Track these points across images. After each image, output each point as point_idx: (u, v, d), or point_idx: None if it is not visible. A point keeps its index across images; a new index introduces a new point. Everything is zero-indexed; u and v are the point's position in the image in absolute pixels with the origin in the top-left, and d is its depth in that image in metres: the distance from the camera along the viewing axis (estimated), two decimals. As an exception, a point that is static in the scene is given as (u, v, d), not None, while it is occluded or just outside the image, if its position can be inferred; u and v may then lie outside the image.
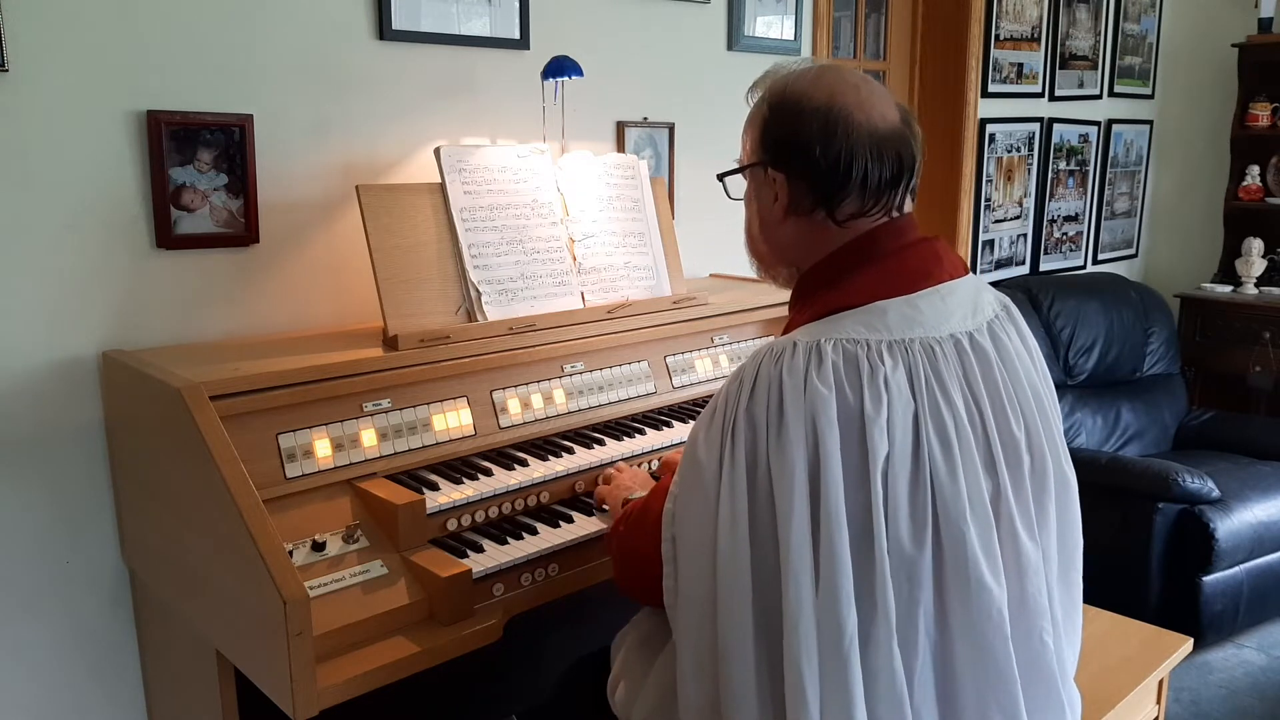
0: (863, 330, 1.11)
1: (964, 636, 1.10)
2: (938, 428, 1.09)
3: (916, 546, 1.07)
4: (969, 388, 1.14)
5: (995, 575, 1.10)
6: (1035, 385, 1.21)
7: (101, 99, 1.67)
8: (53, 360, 1.68)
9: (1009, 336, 1.21)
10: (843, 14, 3.32)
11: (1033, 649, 1.15)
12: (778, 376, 1.08)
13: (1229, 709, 2.70)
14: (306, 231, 1.94)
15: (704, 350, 2.16)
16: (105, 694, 1.83)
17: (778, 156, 1.21)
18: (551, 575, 1.58)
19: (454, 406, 1.74)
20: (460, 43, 2.09)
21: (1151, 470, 2.94)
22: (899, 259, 1.18)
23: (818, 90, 1.18)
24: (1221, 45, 4.30)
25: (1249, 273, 4.26)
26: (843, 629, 1.04)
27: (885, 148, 1.16)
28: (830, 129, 1.15)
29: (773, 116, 1.21)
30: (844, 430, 1.06)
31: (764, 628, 1.09)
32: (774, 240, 1.27)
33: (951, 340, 1.14)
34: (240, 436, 1.44)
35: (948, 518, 1.08)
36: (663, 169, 2.53)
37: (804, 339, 1.10)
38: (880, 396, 1.06)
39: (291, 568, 1.29)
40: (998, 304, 1.25)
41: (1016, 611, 1.13)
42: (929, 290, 1.16)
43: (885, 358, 1.08)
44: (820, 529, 1.05)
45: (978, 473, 1.11)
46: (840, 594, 1.04)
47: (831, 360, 1.07)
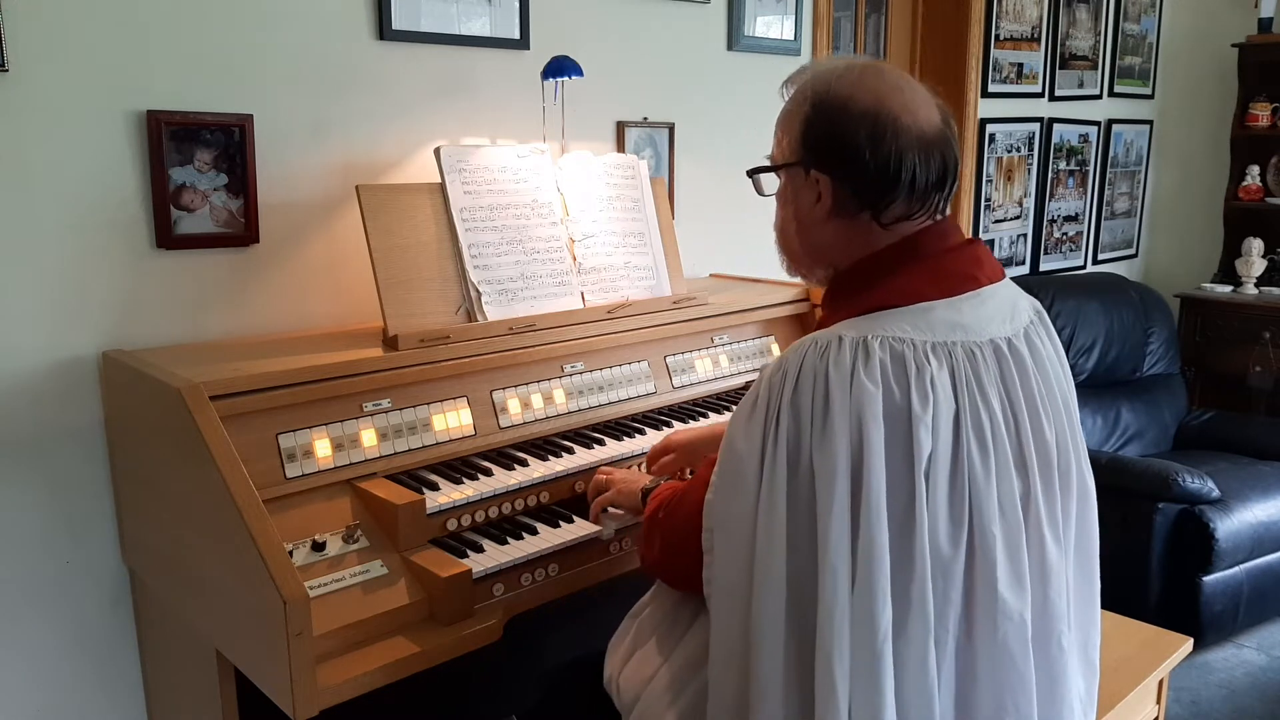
0: (909, 329, 1.10)
1: (987, 642, 1.10)
2: (976, 430, 1.10)
3: (953, 547, 1.08)
4: (1006, 392, 1.14)
5: (1019, 581, 1.11)
6: (1064, 391, 1.22)
7: (101, 99, 1.67)
8: (53, 360, 1.68)
9: (1042, 343, 1.22)
10: (843, 14, 3.32)
11: (1049, 653, 1.16)
12: (824, 370, 1.07)
13: (1229, 709, 2.70)
14: (306, 231, 1.94)
15: (704, 350, 2.16)
16: (105, 694, 1.83)
17: (822, 158, 1.18)
18: (551, 575, 1.58)
19: (454, 406, 1.74)
20: (460, 43, 2.09)
21: (1151, 470, 2.94)
22: (942, 261, 1.18)
23: (863, 92, 1.16)
24: (1221, 45, 4.30)
25: (1249, 273, 4.27)
26: (877, 625, 1.04)
27: (931, 151, 1.16)
28: (880, 132, 1.14)
29: (817, 117, 1.18)
30: (889, 427, 1.05)
31: (795, 619, 1.09)
32: (811, 241, 1.24)
33: (990, 345, 1.14)
34: (240, 436, 1.44)
35: (980, 519, 1.09)
36: (663, 169, 2.53)
37: (850, 334, 1.09)
38: (927, 395, 1.07)
39: (291, 568, 1.29)
40: (1032, 310, 1.25)
41: (1038, 616, 1.13)
42: (970, 294, 1.16)
43: (931, 358, 1.09)
44: (860, 524, 1.05)
45: (1010, 476, 1.12)
46: (877, 590, 1.04)
47: (879, 357, 1.07)
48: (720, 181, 2.67)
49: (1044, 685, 1.15)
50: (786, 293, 2.30)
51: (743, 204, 2.67)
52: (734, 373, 2.20)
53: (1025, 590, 1.11)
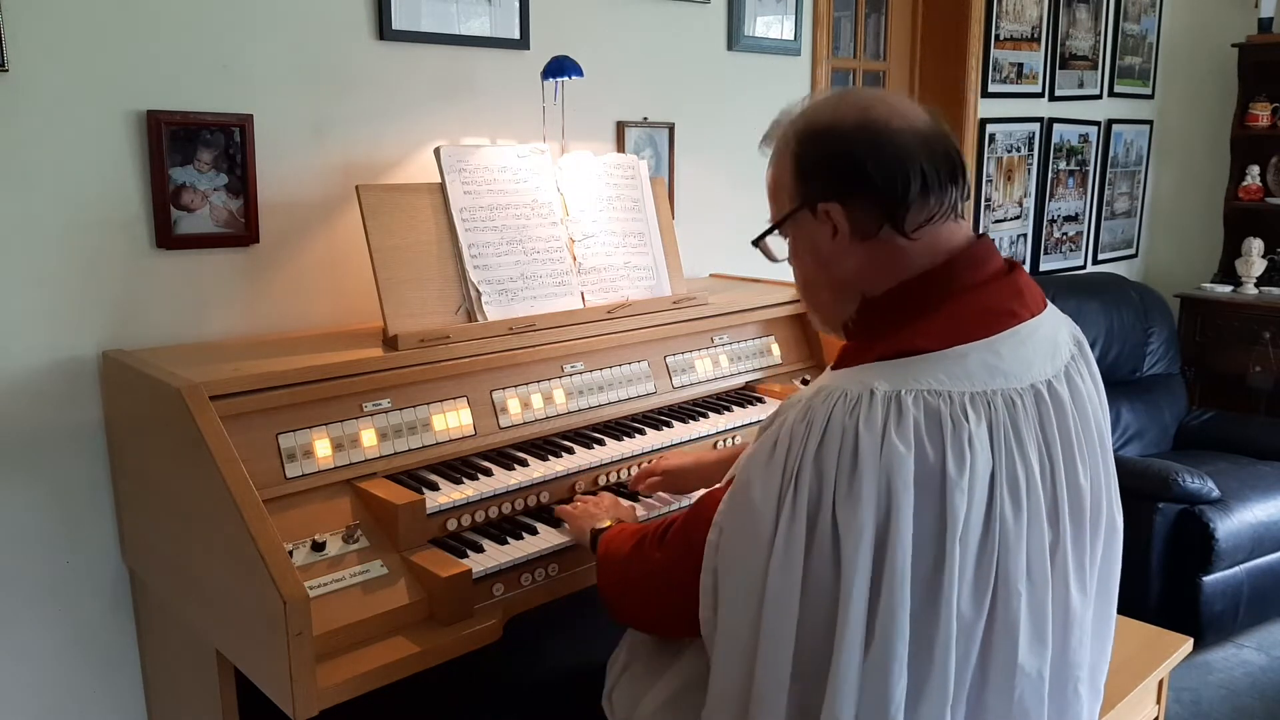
0: (944, 380, 1.03)
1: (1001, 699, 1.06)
2: (1011, 487, 1.04)
3: (976, 610, 1.03)
4: (1044, 440, 1.08)
5: (1040, 638, 1.07)
6: (1101, 427, 1.17)
7: (101, 99, 1.67)
8: (53, 360, 1.68)
9: (1082, 379, 1.15)
10: (843, 14, 3.32)
11: (1065, 701, 1.13)
12: (854, 428, 1.00)
13: (1229, 709, 2.70)
14: (306, 231, 1.94)
15: (704, 350, 2.16)
16: (105, 694, 1.83)
17: (825, 187, 1.12)
18: (551, 575, 1.58)
19: (454, 406, 1.74)
20: (460, 43, 2.09)
21: (1151, 470, 2.94)
22: (979, 296, 1.10)
23: (845, 110, 1.12)
24: (1221, 45, 4.30)
25: (1249, 273, 4.26)
26: (890, 695, 1.00)
27: (934, 145, 1.10)
28: (876, 140, 1.08)
29: (806, 149, 1.13)
30: (920, 490, 0.99)
31: (800, 678, 1.04)
32: (837, 278, 1.16)
33: (1032, 391, 1.07)
34: (240, 436, 1.44)
35: (1006, 578, 1.04)
36: (663, 169, 2.53)
37: (883, 387, 1.02)
38: (964, 456, 1.00)
39: (291, 568, 1.29)
40: (1072, 343, 1.18)
41: (1056, 666, 1.10)
42: (1009, 333, 1.08)
43: (969, 412, 1.02)
44: (881, 590, 0.99)
45: (1041, 527, 1.07)
46: (893, 659, 0.99)
47: (913, 415, 1.00)
48: (720, 181, 2.67)
49: None
50: (786, 293, 2.30)
51: (743, 204, 2.68)
52: (734, 373, 2.20)
53: (1046, 647, 1.08)
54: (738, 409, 2.08)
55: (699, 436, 1.94)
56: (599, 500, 1.64)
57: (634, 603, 1.31)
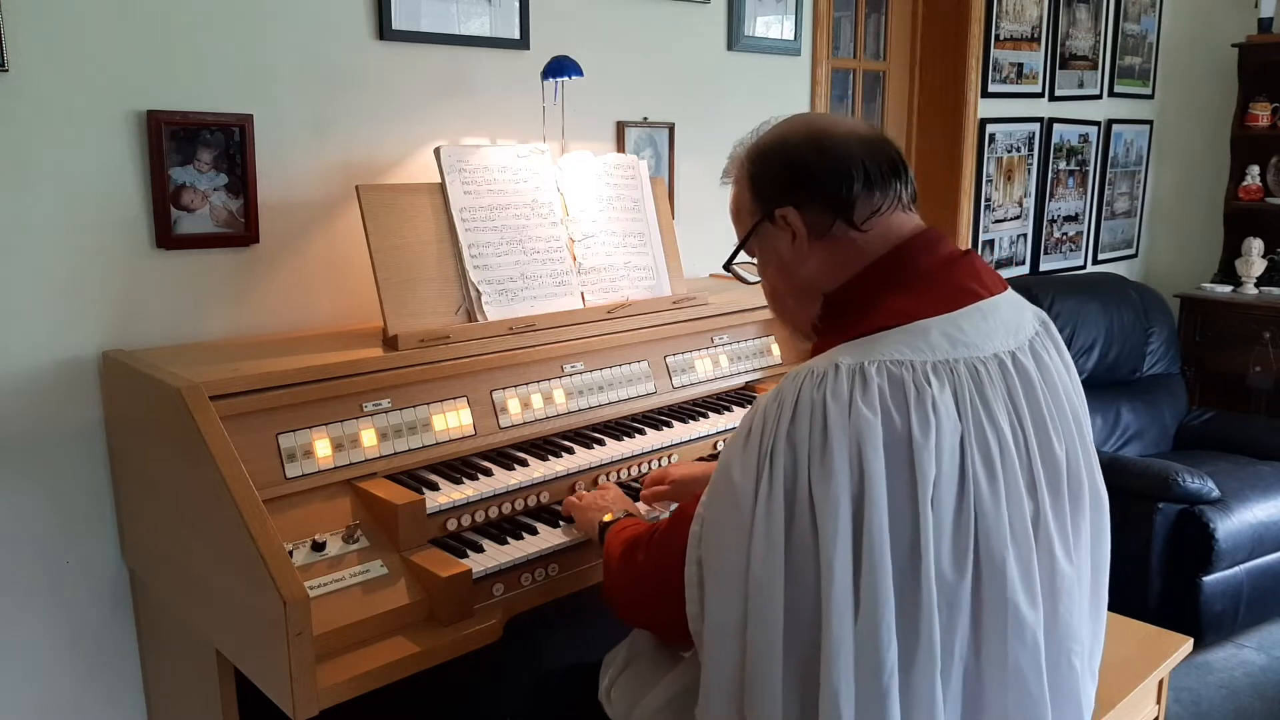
0: (906, 351, 1.07)
1: (996, 662, 1.08)
2: (983, 451, 1.07)
3: (957, 573, 1.05)
4: (1014, 408, 1.11)
5: (1032, 600, 1.08)
6: (1073, 402, 1.19)
7: (101, 99, 1.67)
8: (53, 360, 1.68)
9: (1049, 355, 1.19)
10: (843, 14, 3.32)
11: (1060, 672, 1.14)
12: (821, 401, 1.04)
13: (1229, 709, 2.70)
14: (306, 231, 1.94)
15: (704, 350, 2.16)
16: (105, 694, 1.83)
17: (779, 194, 1.20)
18: (551, 575, 1.58)
19: (454, 406, 1.74)
20: (460, 43, 2.09)
21: (1151, 470, 2.94)
22: (936, 276, 1.15)
23: (791, 126, 1.22)
24: (1221, 45, 4.30)
25: (1249, 273, 4.26)
26: (883, 661, 1.02)
27: (873, 145, 1.19)
28: (821, 144, 1.18)
29: (758, 167, 1.23)
30: (890, 456, 1.03)
31: (794, 655, 1.06)
32: (801, 282, 1.22)
33: (995, 360, 1.11)
34: (240, 436, 1.44)
35: (988, 543, 1.06)
36: (663, 169, 2.53)
37: (846, 360, 1.06)
38: (929, 420, 1.04)
39: (291, 568, 1.29)
40: (1037, 321, 1.22)
41: (1049, 634, 1.11)
42: (970, 308, 1.13)
43: (932, 379, 1.05)
44: (863, 558, 1.02)
45: (1020, 495, 1.09)
46: (881, 625, 1.01)
47: (877, 384, 1.04)
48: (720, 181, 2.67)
49: (1059, 705, 1.13)
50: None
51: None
52: (734, 373, 2.20)
53: (1039, 611, 1.09)
54: (738, 409, 2.08)
55: (699, 436, 1.94)
56: (604, 491, 1.64)
57: (628, 605, 1.33)
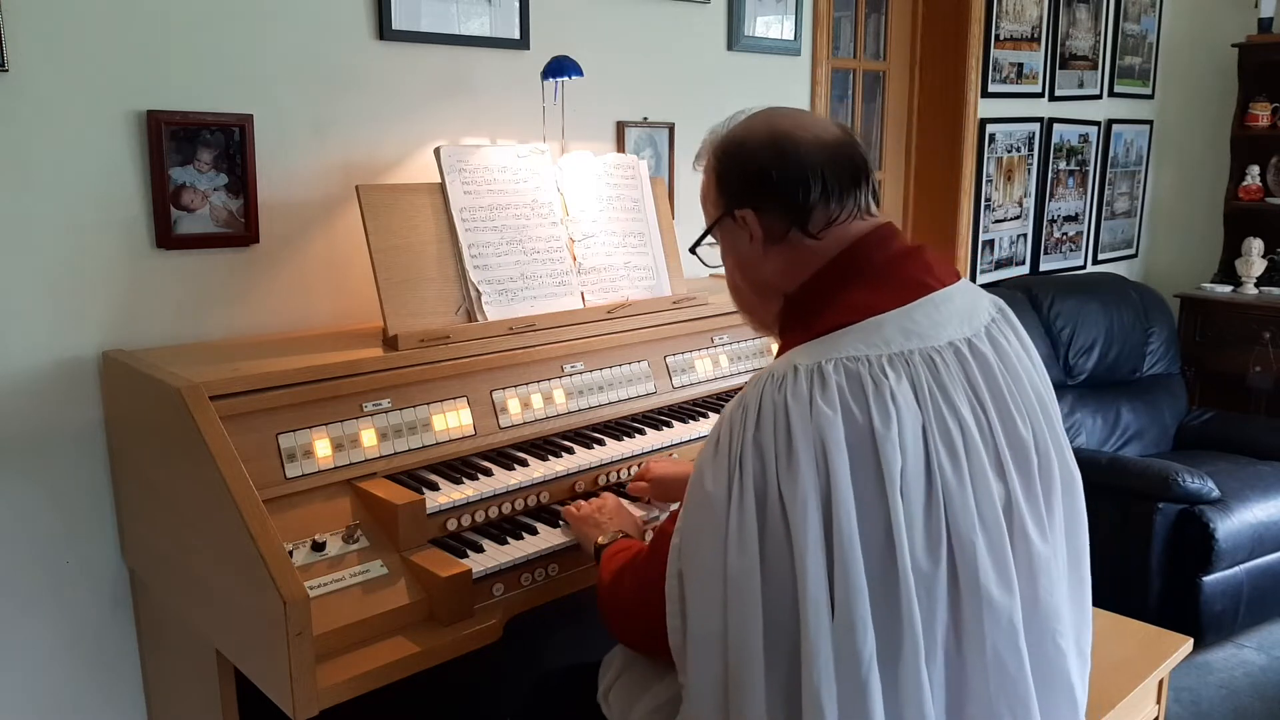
0: (862, 347, 1.10)
1: (975, 648, 1.09)
2: (945, 438, 1.09)
3: (932, 561, 1.06)
4: (974, 394, 1.13)
5: (1006, 584, 1.09)
6: (1036, 386, 1.21)
7: (101, 99, 1.67)
8: (53, 360, 1.68)
9: (1007, 340, 1.21)
10: (843, 14, 3.32)
11: (1046, 653, 1.14)
12: (783, 403, 1.07)
13: (1229, 709, 2.70)
14: (306, 231, 1.94)
15: (704, 350, 2.16)
16: (105, 694, 1.83)
17: (740, 195, 1.23)
18: (551, 575, 1.58)
19: (454, 406, 1.73)
20: (460, 43, 2.09)
21: (1151, 470, 2.94)
22: (888, 271, 1.18)
23: (756, 125, 1.23)
24: (1221, 45, 4.30)
25: (1249, 273, 4.26)
26: (860, 655, 1.03)
27: (836, 153, 1.19)
28: (780, 151, 1.18)
29: (722, 165, 1.25)
30: (854, 450, 1.05)
31: (775, 657, 1.07)
32: (759, 279, 1.26)
33: (951, 348, 1.13)
34: (240, 436, 1.44)
35: (958, 530, 1.07)
36: (663, 169, 2.53)
37: (804, 361, 1.09)
38: (889, 411, 1.06)
39: (291, 568, 1.29)
40: (993, 308, 1.24)
41: (1030, 616, 1.12)
42: (923, 300, 1.15)
43: (888, 371, 1.08)
44: (835, 554, 1.04)
45: (988, 479, 1.10)
46: (856, 620, 1.03)
47: (835, 381, 1.06)
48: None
49: (1042, 686, 1.14)
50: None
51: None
52: (734, 373, 2.20)
53: (1014, 595, 1.10)
54: (738, 409, 2.08)
55: (699, 436, 1.94)
56: (603, 504, 1.64)
57: (620, 629, 1.35)
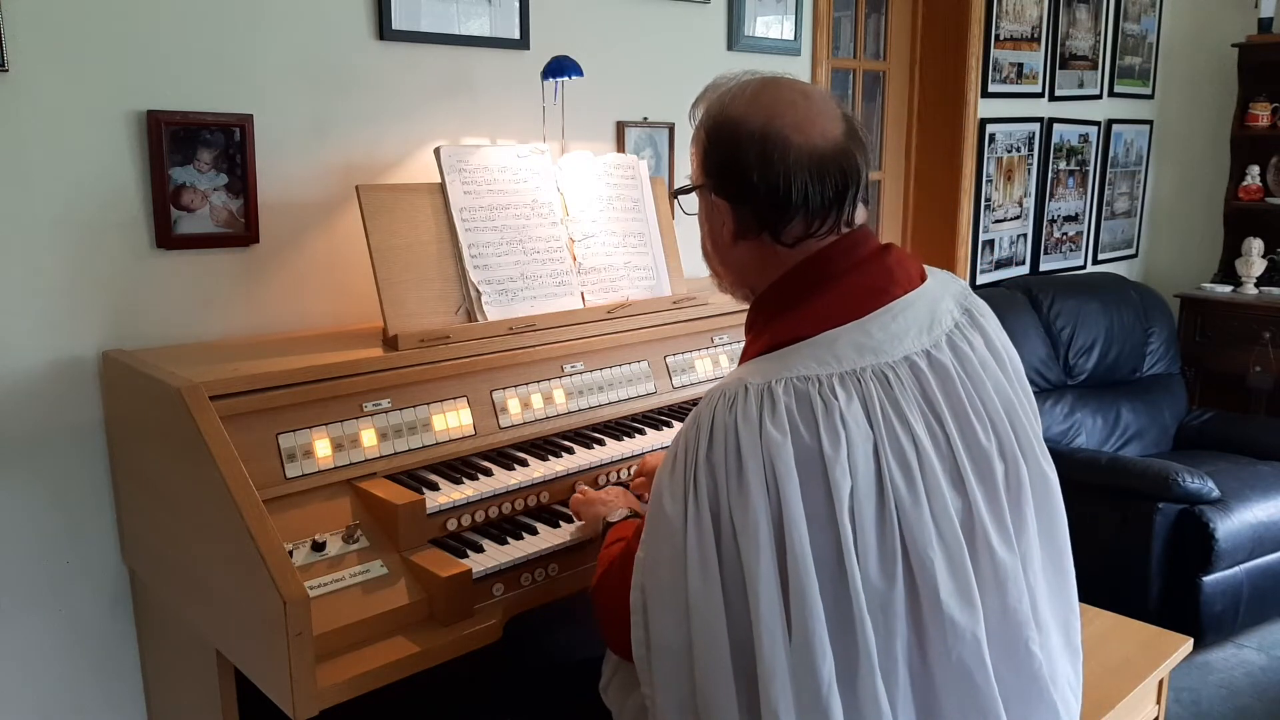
0: (814, 365, 1.08)
1: (942, 661, 1.08)
2: (898, 457, 1.07)
3: (887, 580, 1.05)
4: (929, 408, 1.11)
5: (967, 599, 1.08)
6: (1003, 390, 1.18)
7: (101, 99, 1.67)
8: (53, 360, 1.68)
9: (971, 346, 1.17)
10: (843, 14, 3.32)
11: (1018, 659, 1.13)
12: (733, 424, 1.06)
13: (1229, 709, 2.70)
14: (306, 231, 1.94)
15: (704, 350, 2.16)
16: (105, 694, 1.83)
17: (719, 183, 1.19)
18: (551, 575, 1.58)
19: (454, 406, 1.73)
20: (460, 43, 2.09)
21: (1151, 470, 2.94)
22: (850, 280, 1.15)
23: (755, 111, 1.15)
24: (1221, 45, 4.30)
25: (1249, 273, 4.26)
26: (820, 677, 1.02)
27: (826, 166, 1.13)
28: (767, 154, 1.13)
29: (711, 142, 1.20)
30: (803, 473, 1.04)
31: (743, 673, 1.07)
32: (729, 262, 1.25)
33: (907, 363, 1.11)
34: (240, 436, 1.44)
35: (915, 547, 1.06)
36: (663, 169, 2.53)
37: (755, 380, 1.08)
38: (838, 433, 1.04)
39: (291, 568, 1.29)
40: (958, 310, 1.20)
41: (998, 625, 1.11)
42: (880, 311, 1.13)
43: (839, 391, 1.06)
44: (789, 576, 1.03)
45: (943, 494, 1.09)
46: (814, 641, 1.02)
47: (784, 403, 1.05)
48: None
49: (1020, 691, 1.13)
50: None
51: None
52: (734, 373, 2.19)
53: (975, 607, 1.08)
54: (738, 409, 2.08)
55: (699, 436, 1.94)
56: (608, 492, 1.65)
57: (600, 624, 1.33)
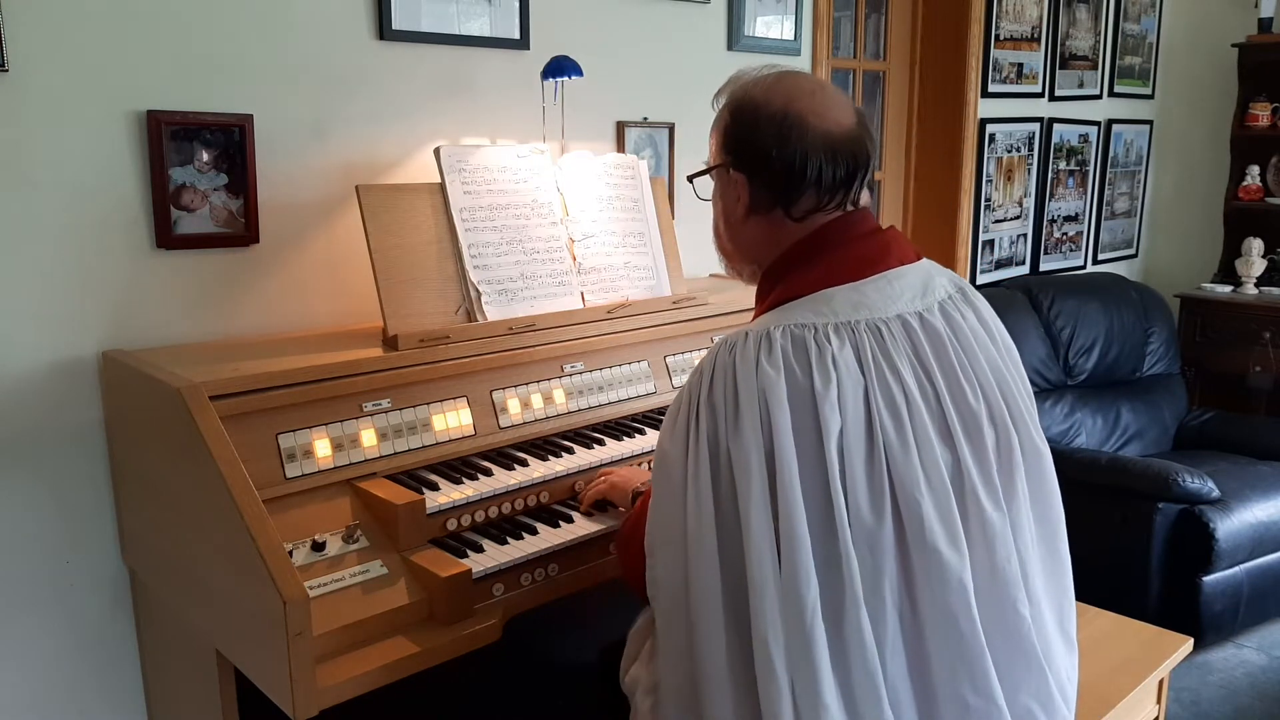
0: (810, 315, 1.17)
1: (930, 605, 1.12)
2: (888, 403, 1.14)
3: (876, 517, 1.11)
4: (920, 363, 1.18)
5: (955, 544, 1.13)
6: (995, 362, 1.25)
7: (101, 99, 1.67)
8: (53, 360, 1.68)
9: (963, 316, 1.25)
10: (843, 14, 3.32)
11: (1007, 620, 1.16)
12: (731, 364, 1.14)
13: (1229, 709, 2.70)
14: (306, 231, 1.94)
15: (704, 350, 2.16)
16: (105, 694, 1.83)
17: (739, 159, 1.28)
18: (551, 575, 1.58)
19: (454, 406, 1.74)
20: (460, 43, 2.09)
21: (1151, 470, 2.94)
22: (850, 249, 1.24)
23: (774, 96, 1.25)
24: (1221, 45, 4.30)
25: (1249, 273, 4.26)
26: (804, 602, 1.08)
27: (839, 149, 1.23)
28: (785, 134, 1.22)
29: (733, 122, 1.29)
30: (795, 409, 1.11)
31: (733, 609, 1.12)
32: (738, 238, 1.34)
33: (899, 320, 1.19)
34: (240, 436, 1.44)
35: (903, 488, 1.12)
36: (663, 169, 2.53)
37: (755, 328, 1.17)
38: (829, 373, 1.12)
39: (291, 568, 1.29)
40: (951, 286, 1.29)
41: (986, 582, 1.15)
42: (876, 276, 1.22)
43: (832, 338, 1.14)
44: (779, 507, 1.09)
45: (932, 444, 1.15)
46: (799, 569, 1.08)
47: (780, 345, 1.13)
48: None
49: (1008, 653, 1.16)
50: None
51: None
52: (734, 373, 2.19)
53: (963, 554, 1.13)
54: (738, 409, 2.08)
55: (699, 436, 1.94)
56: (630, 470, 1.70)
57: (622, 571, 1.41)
